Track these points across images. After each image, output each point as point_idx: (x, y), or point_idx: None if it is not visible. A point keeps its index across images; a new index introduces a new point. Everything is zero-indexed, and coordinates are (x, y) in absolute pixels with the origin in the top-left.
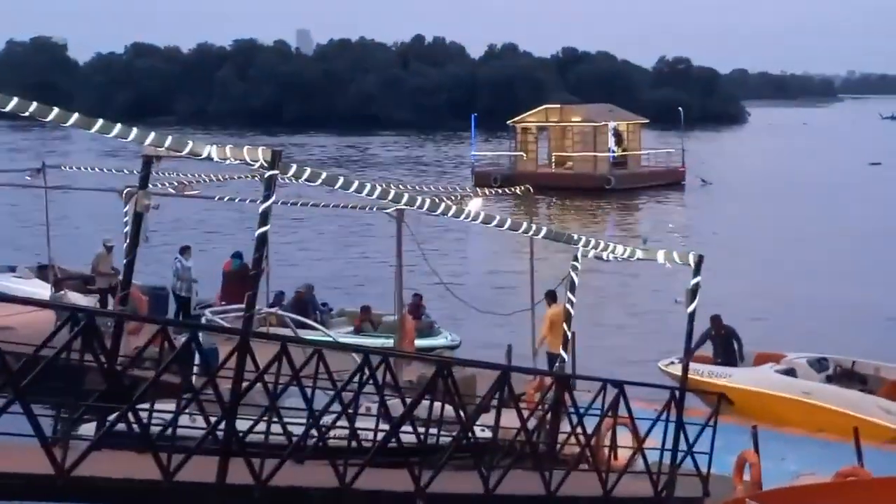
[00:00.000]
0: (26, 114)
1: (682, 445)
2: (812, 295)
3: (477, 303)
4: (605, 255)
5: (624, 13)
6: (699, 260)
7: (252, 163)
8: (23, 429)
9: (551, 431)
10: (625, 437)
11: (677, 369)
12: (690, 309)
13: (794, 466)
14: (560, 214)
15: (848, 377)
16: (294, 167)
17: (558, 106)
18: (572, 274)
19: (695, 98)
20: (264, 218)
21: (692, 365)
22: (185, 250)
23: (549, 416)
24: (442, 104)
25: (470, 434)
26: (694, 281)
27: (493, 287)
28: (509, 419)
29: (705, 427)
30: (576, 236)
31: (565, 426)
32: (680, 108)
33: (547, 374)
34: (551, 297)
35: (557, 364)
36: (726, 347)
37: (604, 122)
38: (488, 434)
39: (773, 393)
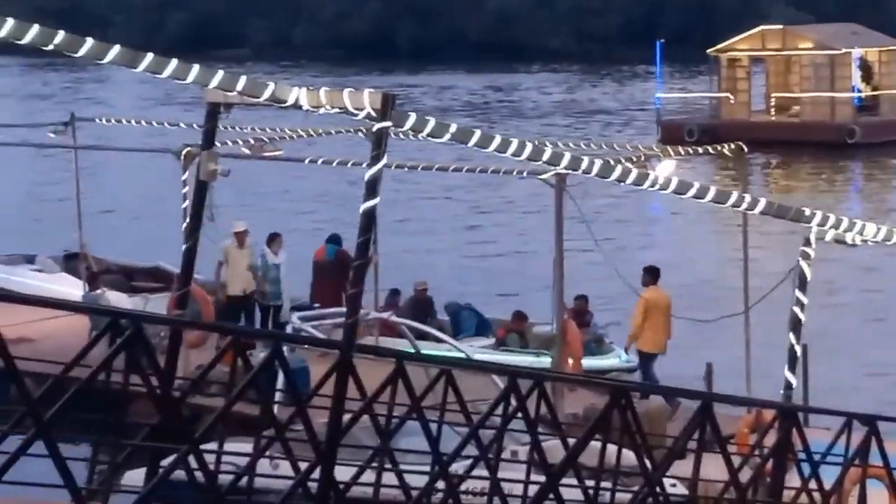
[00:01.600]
0: (50, 47)
1: None
2: None
3: None
4: (849, 237)
5: None
6: None
7: (355, 112)
8: (48, 476)
9: (773, 485)
10: (879, 495)
11: None
12: None
13: None
14: (784, 181)
15: None
16: (413, 117)
17: (780, 27)
18: (802, 264)
19: None
20: (372, 187)
21: None
22: (272, 240)
23: (770, 464)
24: (613, 27)
25: (658, 489)
26: None
27: (689, 283)
28: (713, 468)
29: None
30: (808, 211)
31: (793, 478)
32: None
33: (768, 405)
34: (652, 274)
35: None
36: None
37: (846, 50)
38: (683, 490)
39: None
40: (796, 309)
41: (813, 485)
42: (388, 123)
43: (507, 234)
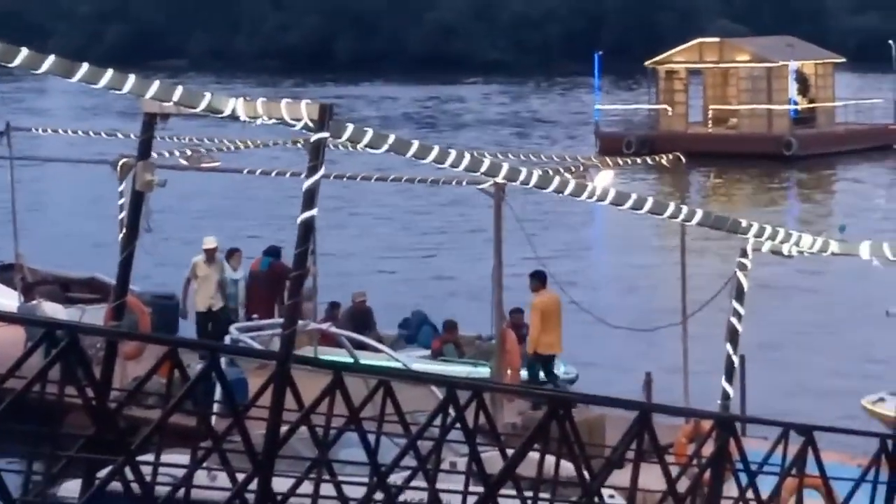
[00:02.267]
0: None
1: None
2: None
3: (605, 315)
4: (785, 248)
5: None
6: None
7: (293, 123)
8: None
9: (711, 495)
10: None
11: (889, 408)
12: None
13: None
14: (722, 192)
15: None
16: (350, 128)
17: (717, 40)
18: (739, 275)
19: None
20: (310, 198)
21: None
22: (231, 255)
23: (707, 473)
24: (550, 39)
25: (596, 499)
26: None
27: (628, 293)
28: (651, 478)
29: None
30: (744, 222)
31: (731, 488)
32: (891, 42)
33: (705, 415)
34: (539, 279)
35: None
36: None
37: (783, 62)
38: (622, 500)
39: None
40: (733, 319)
41: (750, 494)
42: (325, 134)
43: (448, 244)
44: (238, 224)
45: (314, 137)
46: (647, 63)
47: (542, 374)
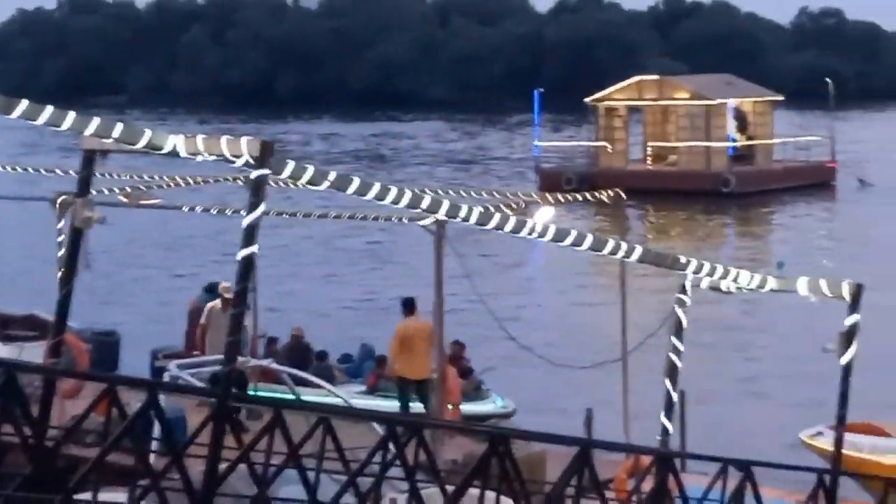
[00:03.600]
0: None
1: None
2: None
3: (546, 351)
4: (723, 284)
5: None
6: (857, 291)
7: (233, 159)
8: None
9: None
10: None
11: (828, 443)
12: (846, 359)
13: None
14: (661, 229)
15: None
16: (291, 165)
17: (656, 78)
18: (678, 311)
19: (850, 66)
20: (250, 235)
21: (850, 437)
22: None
23: None
24: (493, 76)
25: None
26: (850, 320)
27: (567, 330)
28: None
29: None
30: (684, 259)
31: None
32: (828, 80)
33: (645, 451)
34: (407, 306)
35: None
36: None
37: (721, 100)
38: None
39: None
40: (672, 355)
41: None
42: (265, 171)
43: (386, 280)
44: (179, 261)
45: (254, 174)
46: (586, 100)
47: (412, 398)
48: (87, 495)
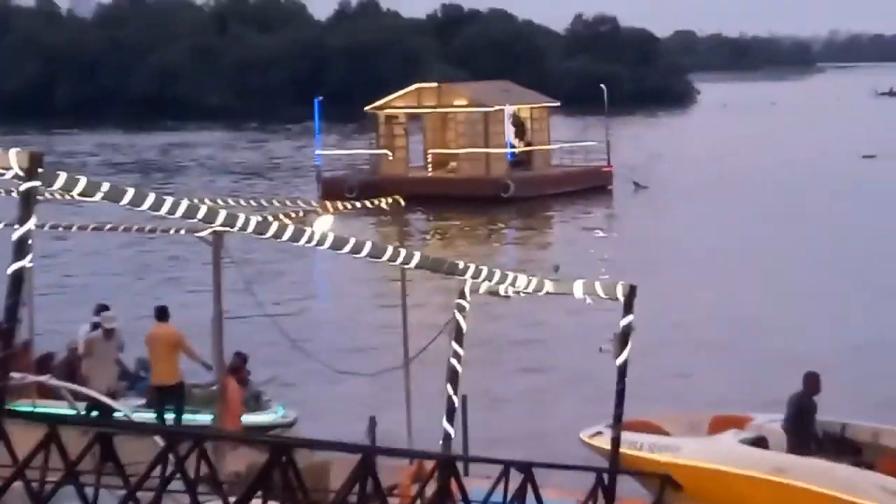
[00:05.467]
0: None
1: None
2: (784, 333)
3: (329, 359)
4: (502, 289)
5: None
6: (631, 292)
7: (2, 171)
8: None
9: None
10: None
11: (606, 441)
12: (621, 359)
13: None
14: (442, 235)
15: (837, 446)
16: (63, 176)
17: (435, 85)
18: (458, 316)
19: (624, 71)
20: (20, 248)
21: (628, 435)
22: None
23: None
24: (274, 84)
25: None
26: (625, 321)
27: (350, 337)
28: None
29: None
30: (461, 264)
31: None
32: (603, 86)
33: (428, 455)
34: (157, 313)
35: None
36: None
37: (499, 107)
38: None
39: (737, 471)
40: (453, 361)
41: None
42: (35, 183)
43: (164, 292)
44: None
45: (23, 187)
46: (366, 108)
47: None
48: None
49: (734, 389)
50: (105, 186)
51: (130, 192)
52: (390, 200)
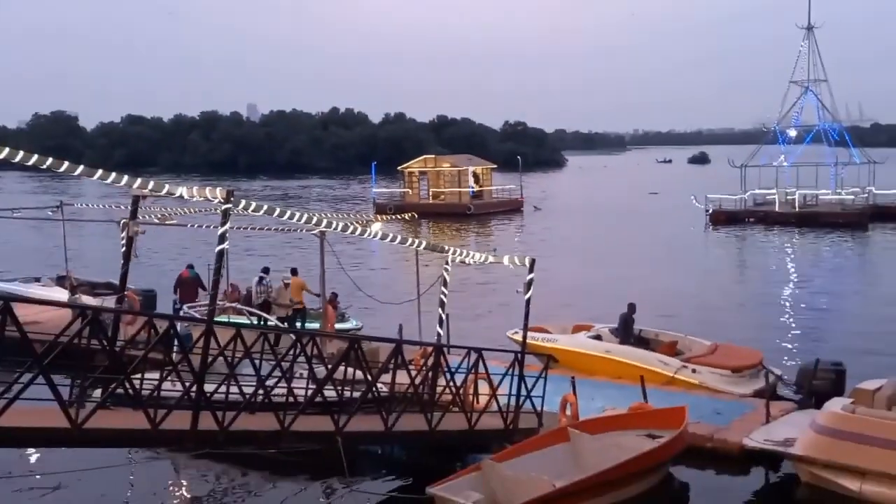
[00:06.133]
0: (45, 166)
1: (524, 392)
2: (617, 284)
3: (377, 296)
4: (467, 259)
5: (482, 91)
6: (532, 262)
7: (212, 199)
8: (47, 395)
9: (431, 385)
10: (484, 388)
11: (520, 337)
12: (527, 296)
13: (601, 403)
14: (435, 233)
15: (640, 342)
16: (243, 202)
17: (433, 156)
18: (444, 274)
19: (530, 149)
20: (221, 239)
21: (530, 333)
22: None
23: (430, 374)
24: (352, 156)
25: (374, 389)
26: (529, 277)
27: (388, 285)
28: (402, 378)
29: (539, 378)
30: (446, 247)
31: (442, 381)
32: (519, 157)
33: (429, 344)
34: (294, 271)
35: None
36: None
37: (465, 168)
38: (387, 389)
39: (586, 352)
40: (442, 296)
41: (452, 384)
42: (229, 205)
43: (296, 263)
44: (184, 254)
45: (223, 207)
46: (398, 168)
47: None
48: (138, 376)
49: (590, 314)
50: (265, 206)
51: (277, 209)
52: (410, 216)
